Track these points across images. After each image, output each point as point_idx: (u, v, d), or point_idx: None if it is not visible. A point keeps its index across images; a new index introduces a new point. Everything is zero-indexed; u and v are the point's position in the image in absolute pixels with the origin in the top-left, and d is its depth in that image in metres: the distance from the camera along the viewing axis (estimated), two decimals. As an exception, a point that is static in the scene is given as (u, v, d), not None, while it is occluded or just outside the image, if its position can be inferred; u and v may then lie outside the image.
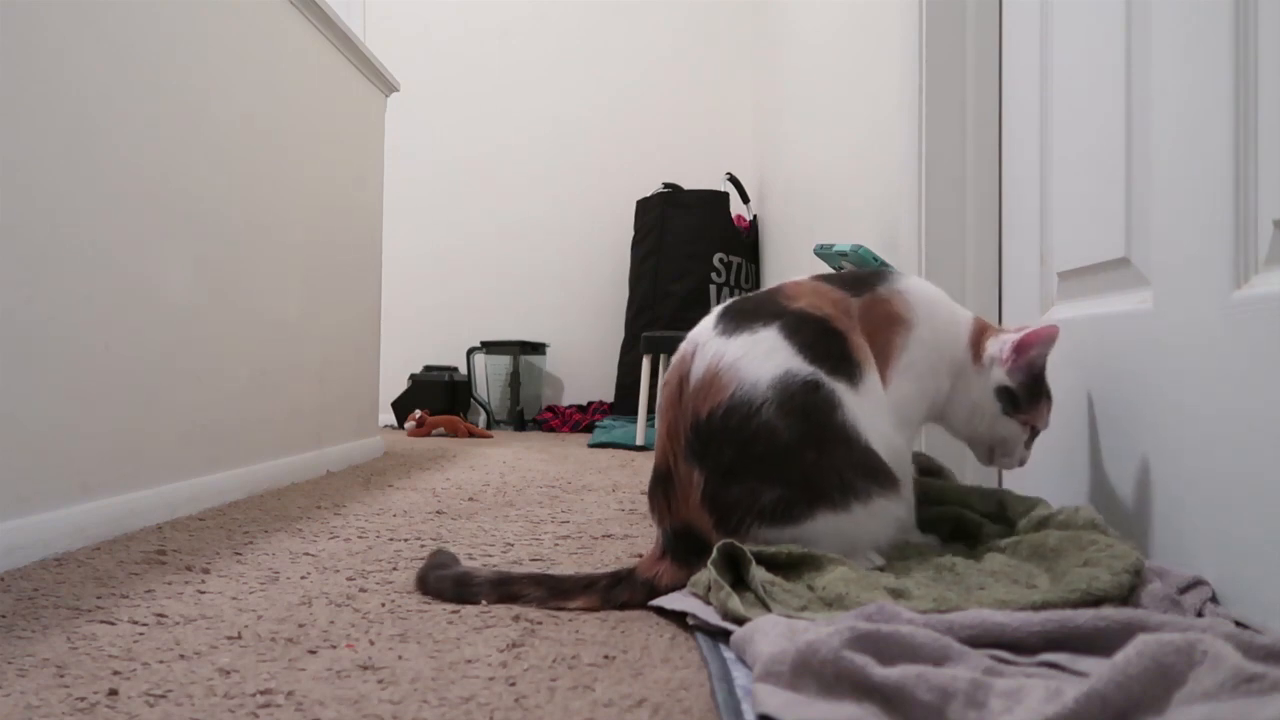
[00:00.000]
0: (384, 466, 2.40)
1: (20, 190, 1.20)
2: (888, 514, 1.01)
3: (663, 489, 1.05)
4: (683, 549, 1.01)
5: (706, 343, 1.05)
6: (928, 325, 1.10)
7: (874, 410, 1.03)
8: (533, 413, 4.17)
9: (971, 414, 1.14)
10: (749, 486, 0.98)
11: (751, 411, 0.98)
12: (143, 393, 1.49)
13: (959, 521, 1.16)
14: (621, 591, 0.98)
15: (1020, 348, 1.11)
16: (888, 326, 1.08)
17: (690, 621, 0.90)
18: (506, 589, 0.99)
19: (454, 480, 2.12)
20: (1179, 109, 1.00)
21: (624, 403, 3.84)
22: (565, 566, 1.20)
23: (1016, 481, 1.42)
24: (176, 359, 1.59)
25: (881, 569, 1.00)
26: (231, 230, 1.80)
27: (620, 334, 4.09)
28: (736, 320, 1.05)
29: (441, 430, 3.65)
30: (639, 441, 3.10)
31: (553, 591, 0.98)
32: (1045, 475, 1.32)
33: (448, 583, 1.01)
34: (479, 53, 4.33)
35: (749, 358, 1.01)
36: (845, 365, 1.02)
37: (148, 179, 1.50)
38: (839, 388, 1.00)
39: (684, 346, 1.08)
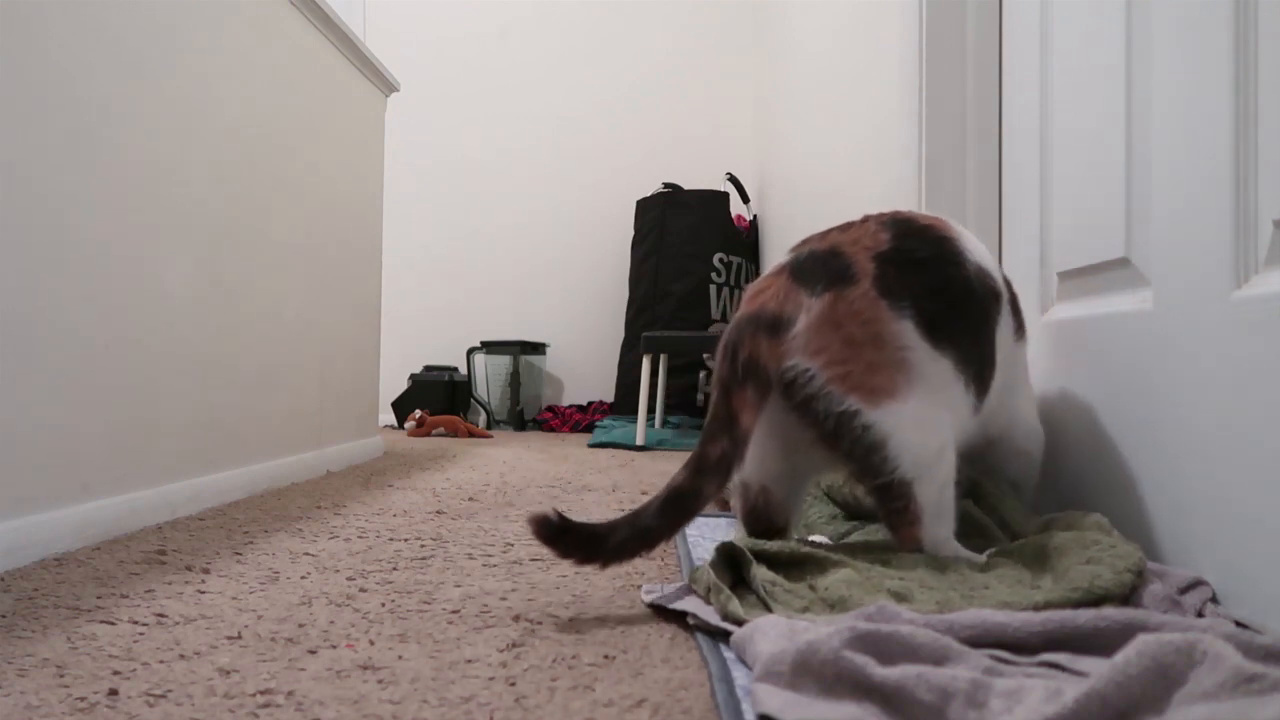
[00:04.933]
0: (384, 466, 2.40)
1: (21, 189, 1.20)
2: (960, 408, 1.04)
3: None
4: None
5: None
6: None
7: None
8: (533, 413, 4.17)
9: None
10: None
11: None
12: (143, 392, 1.49)
13: (966, 520, 1.16)
14: (715, 447, 0.95)
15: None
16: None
17: (690, 621, 0.90)
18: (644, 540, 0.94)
19: (454, 480, 2.12)
20: (1179, 109, 1.00)
21: (624, 403, 3.84)
22: (565, 565, 1.20)
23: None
24: (176, 358, 1.59)
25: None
26: (231, 230, 1.80)
27: (620, 334, 4.09)
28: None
29: (441, 430, 3.65)
30: (639, 441, 3.09)
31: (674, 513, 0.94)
32: (1044, 475, 1.32)
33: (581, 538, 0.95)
34: (479, 53, 4.33)
35: None
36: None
37: (148, 178, 1.50)
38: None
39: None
